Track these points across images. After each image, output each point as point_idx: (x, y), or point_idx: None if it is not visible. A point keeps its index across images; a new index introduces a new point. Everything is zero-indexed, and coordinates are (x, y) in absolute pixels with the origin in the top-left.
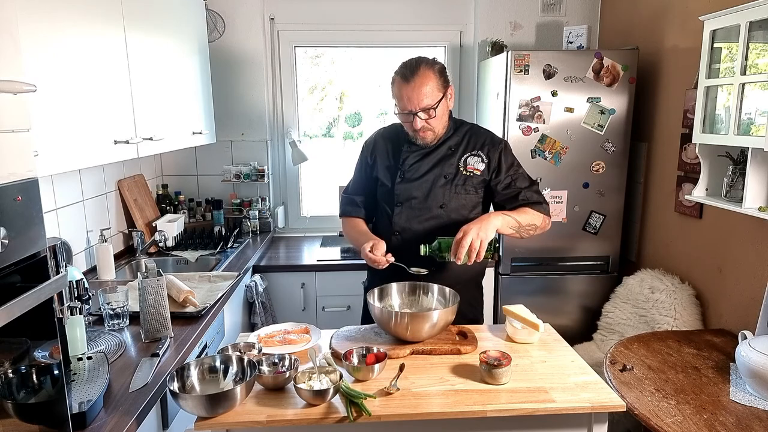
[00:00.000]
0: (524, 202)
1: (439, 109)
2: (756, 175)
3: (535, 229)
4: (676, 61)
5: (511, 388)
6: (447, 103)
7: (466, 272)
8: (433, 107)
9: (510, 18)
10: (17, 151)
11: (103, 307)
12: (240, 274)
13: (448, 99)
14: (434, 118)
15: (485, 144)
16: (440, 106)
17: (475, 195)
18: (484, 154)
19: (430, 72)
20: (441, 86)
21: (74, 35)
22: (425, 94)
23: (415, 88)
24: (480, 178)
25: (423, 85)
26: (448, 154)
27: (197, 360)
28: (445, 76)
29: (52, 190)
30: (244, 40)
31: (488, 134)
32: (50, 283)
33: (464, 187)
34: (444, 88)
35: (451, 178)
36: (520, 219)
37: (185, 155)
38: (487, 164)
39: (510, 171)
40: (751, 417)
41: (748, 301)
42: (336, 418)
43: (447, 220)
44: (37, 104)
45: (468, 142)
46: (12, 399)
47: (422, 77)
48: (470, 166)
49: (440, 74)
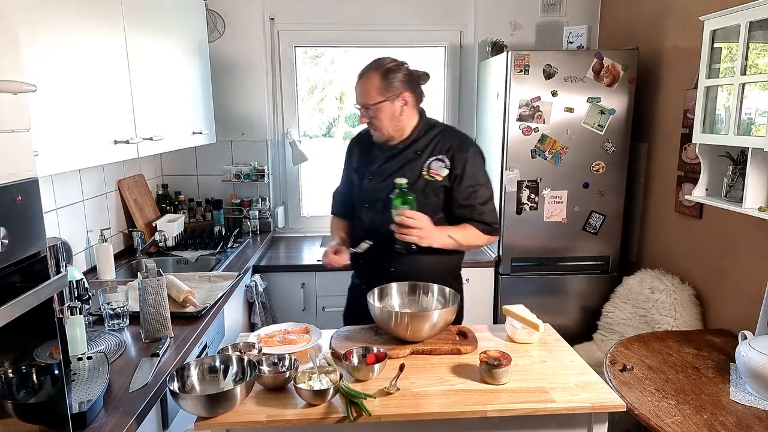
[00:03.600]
0: (475, 221)
1: (380, 110)
2: (756, 175)
3: (476, 246)
4: (676, 61)
5: (511, 388)
6: (394, 107)
7: (440, 264)
8: (369, 106)
9: (510, 18)
10: (17, 151)
11: (103, 307)
12: (240, 274)
13: (399, 104)
14: (376, 118)
15: (452, 149)
16: (382, 109)
17: (436, 200)
18: (448, 159)
19: (374, 74)
20: (382, 90)
21: (74, 35)
22: (364, 93)
23: (360, 86)
24: (441, 184)
25: (364, 84)
26: (413, 158)
27: (197, 360)
28: (392, 81)
29: (52, 190)
30: (244, 40)
31: (459, 138)
32: (50, 283)
33: (424, 192)
34: (389, 92)
35: (413, 181)
36: (462, 240)
37: (185, 155)
38: (450, 170)
39: (472, 182)
40: (751, 417)
41: (748, 301)
42: (336, 418)
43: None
44: (37, 104)
45: (435, 145)
46: (12, 399)
47: (367, 76)
48: (433, 171)
49: (384, 77)
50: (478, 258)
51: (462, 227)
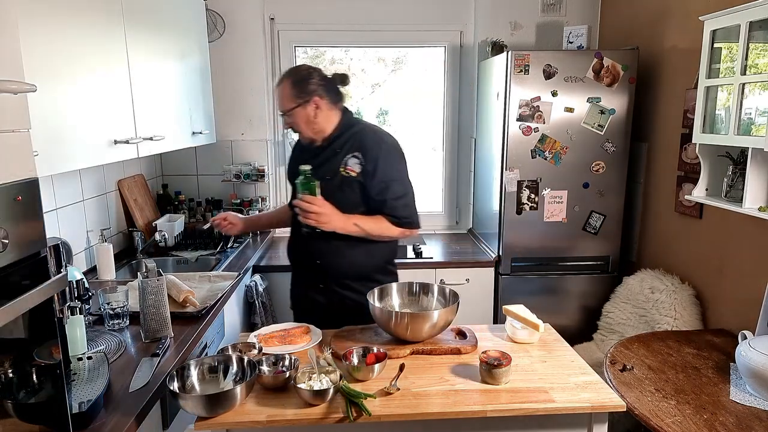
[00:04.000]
0: (386, 214)
1: (294, 116)
2: (756, 175)
3: (390, 238)
4: (676, 61)
5: (511, 388)
6: (306, 112)
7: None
8: (285, 112)
9: (510, 18)
10: (17, 151)
11: (103, 307)
12: (240, 274)
13: (311, 109)
14: (294, 123)
15: (365, 145)
16: (295, 114)
17: (353, 195)
18: (362, 155)
19: (287, 82)
20: (294, 96)
21: (74, 35)
22: (280, 100)
23: (276, 94)
24: (356, 179)
25: (279, 92)
26: (332, 155)
27: (197, 360)
28: (303, 87)
29: (52, 190)
30: (244, 40)
31: (373, 136)
32: (50, 283)
33: (341, 188)
34: (300, 98)
35: (330, 178)
36: (369, 228)
37: (185, 155)
38: (364, 166)
39: (385, 178)
40: (751, 417)
41: (748, 301)
42: (336, 418)
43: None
44: (37, 104)
45: (353, 143)
46: (12, 399)
47: (280, 86)
48: (349, 168)
49: (295, 85)
50: (478, 258)
51: (374, 218)
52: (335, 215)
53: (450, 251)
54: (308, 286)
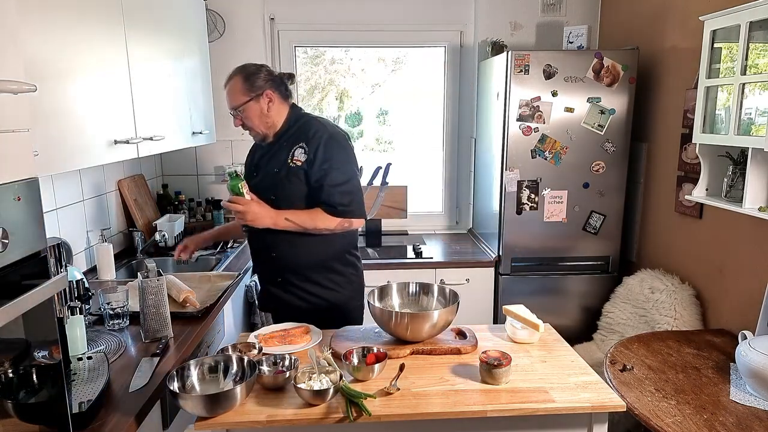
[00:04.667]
0: (324, 203)
1: (247, 111)
2: (756, 175)
3: (328, 230)
4: (676, 61)
5: (511, 388)
6: (260, 105)
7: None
8: (238, 107)
9: (510, 18)
10: (17, 151)
11: (103, 307)
12: (240, 274)
13: (264, 102)
14: (246, 119)
15: (310, 135)
16: (248, 109)
17: (300, 184)
18: (306, 146)
19: (237, 78)
20: (246, 90)
21: (74, 35)
22: (231, 96)
23: (226, 91)
24: (302, 168)
25: (230, 88)
26: (281, 148)
27: (197, 360)
28: (254, 82)
29: (52, 190)
30: (244, 40)
31: (316, 126)
32: (51, 283)
33: (288, 178)
34: (251, 92)
35: (278, 169)
36: (301, 222)
37: (185, 155)
38: (308, 155)
39: (324, 165)
40: (751, 417)
41: (748, 301)
42: (336, 418)
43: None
44: (38, 104)
45: (299, 134)
46: (12, 399)
47: (231, 82)
48: (296, 158)
49: (246, 80)
50: (478, 258)
51: (308, 211)
52: (262, 212)
53: (450, 251)
54: (267, 281)
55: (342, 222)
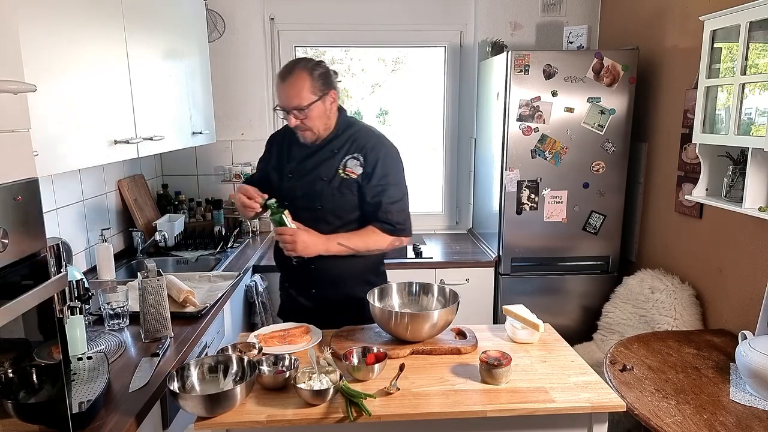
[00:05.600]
0: (379, 221)
1: (312, 111)
2: (756, 175)
3: (379, 250)
4: (676, 61)
5: (511, 388)
6: (325, 106)
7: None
8: (304, 107)
9: (510, 18)
10: (17, 151)
11: (103, 307)
12: (240, 274)
13: (329, 103)
14: (308, 119)
15: (366, 147)
16: (314, 108)
17: (353, 197)
18: (362, 157)
19: (305, 74)
20: (316, 89)
21: (74, 35)
22: (296, 94)
23: (288, 88)
24: (355, 181)
25: (294, 85)
26: (330, 156)
27: (197, 360)
28: (326, 80)
29: (52, 190)
30: (244, 40)
31: (374, 138)
32: (50, 283)
33: (340, 190)
34: (321, 92)
35: (329, 179)
36: (356, 245)
37: (185, 155)
38: (364, 168)
39: (382, 181)
40: (751, 417)
41: (748, 301)
42: (336, 418)
43: (323, 220)
44: (37, 104)
45: (351, 144)
46: (12, 399)
47: (295, 78)
48: (349, 169)
49: (318, 78)
50: (478, 258)
51: (360, 232)
52: (312, 240)
53: (450, 251)
54: (299, 292)
55: (394, 241)
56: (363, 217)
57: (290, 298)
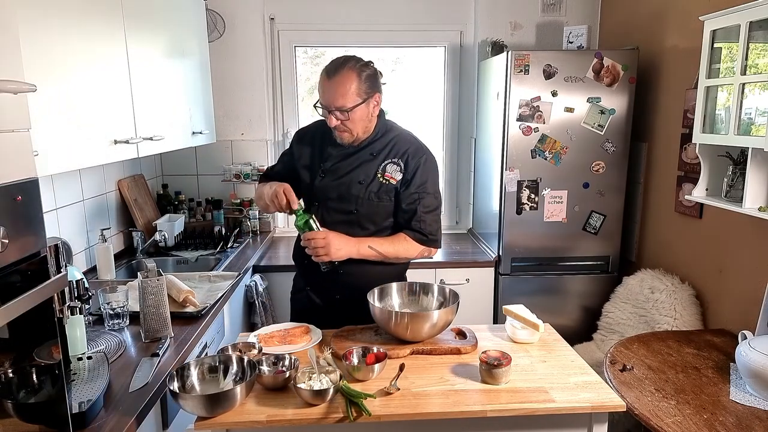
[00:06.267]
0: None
1: (356, 113)
2: (756, 175)
3: (407, 259)
4: (676, 61)
5: (511, 388)
6: (369, 109)
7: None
8: (348, 109)
9: (510, 18)
10: (17, 151)
11: (103, 307)
12: (240, 274)
13: (372, 106)
14: (350, 121)
15: (407, 153)
16: (358, 111)
17: (389, 203)
18: (403, 163)
19: (353, 74)
20: (363, 91)
21: (74, 35)
22: (342, 95)
23: (334, 87)
24: (394, 187)
25: (341, 85)
26: (368, 159)
27: (197, 360)
28: (373, 82)
29: (52, 190)
30: (244, 40)
31: (414, 143)
32: (50, 283)
33: (378, 195)
34: (367, 94)
35: (366, 183)
36: (386, 251)
37: (185, 155)
38: (404, 174)
39: (420, 188)
40: (751, 417)
41: (748, 301)
42: (336, 418)
43: (357, 224)
44: (37, 104)
45: (391, 149)
46: (12, 399)
47: (343, 77)
48: (388, 174)
49: (366, 79)
50: (478, 258)
51: (391, 239)
52: (342, 242)
53: (450, 251)
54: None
55: (423, 251)
56: (396, 224)
57: (310, 301)
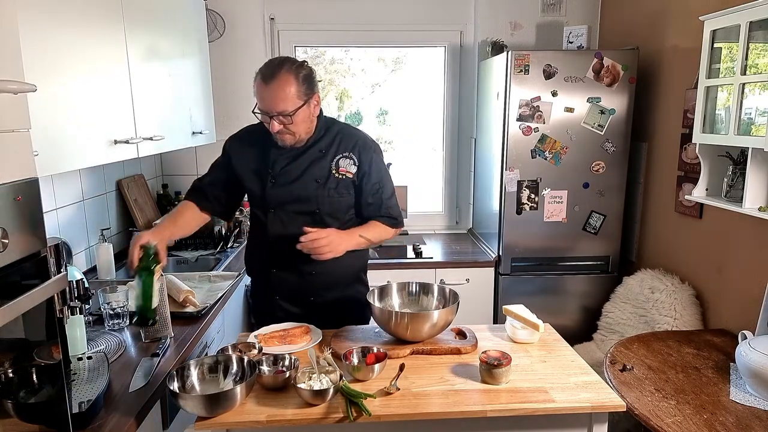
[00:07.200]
0: (382, 216)
1: (299, 116)
2: (756, 175)
3: (386, 241)
4: (676, 61)
5: (511, 388)
6: (310, 109)
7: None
8: (290, 113)
9: (510, 18)
10: (17, 151)
11: (103, 307)
12: (240, 274)
13: (313, 106)
14: (293, 124)
15: (356, 146)
16: (300, 113)
17: (348, 197)
18: (355, 157)
19: (291, 77)
20: (303, 93)
21: (74, 35)
22: (282, 99)
23: (273, 92)
24: (351, 180)
25: (280, 89)
26: (319, 156)
27: (197, 360)
28: (310, 83)
29: (52, 190)
30: (244, 40)
31: (360, 136)
32: (51, 283)
33: (337, 190)
34: (306, 95)
35: (323, 181)
36: (373, 237)
37: (185, 155)
38: (358, 167)
39: (378, 179)
40: (751, 417)
41: (748, 301)
42: (336, 418)
43: (321, 223)
44: (37, 104)
45: (339, 143)
46: (12, 399)
47: (281, 81)
48: (342, 169)
49: (303, 80)
50: (478, 258)
51: (369, 225)
52: (342, 237)
53: (450, 251)
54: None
55: (396, 232)
56: (357, 215)
57: (281, 309)
